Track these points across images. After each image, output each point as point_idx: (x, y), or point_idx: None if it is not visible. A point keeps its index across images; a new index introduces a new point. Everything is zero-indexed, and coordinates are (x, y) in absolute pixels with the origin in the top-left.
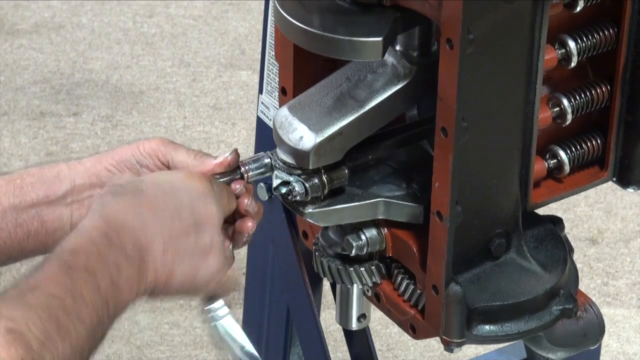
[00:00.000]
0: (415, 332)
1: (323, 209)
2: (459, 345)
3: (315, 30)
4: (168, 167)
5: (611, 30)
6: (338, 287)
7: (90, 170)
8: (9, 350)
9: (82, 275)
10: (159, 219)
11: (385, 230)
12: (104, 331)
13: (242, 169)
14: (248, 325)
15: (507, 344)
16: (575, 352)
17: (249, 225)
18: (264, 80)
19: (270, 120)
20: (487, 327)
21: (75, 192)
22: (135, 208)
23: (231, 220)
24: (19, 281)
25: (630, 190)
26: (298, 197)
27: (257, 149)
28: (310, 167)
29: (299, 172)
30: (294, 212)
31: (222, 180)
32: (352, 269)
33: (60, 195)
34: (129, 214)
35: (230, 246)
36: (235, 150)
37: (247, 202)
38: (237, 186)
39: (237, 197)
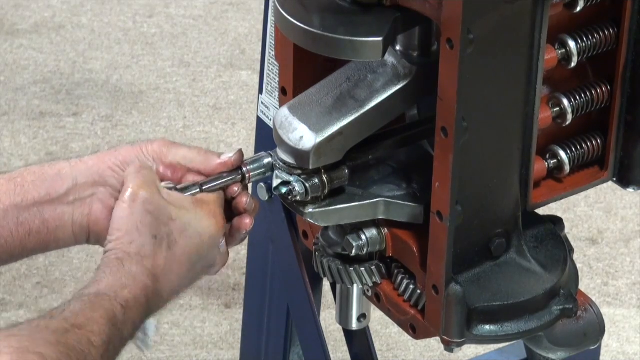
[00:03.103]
0: (415, 332)
1: (323, 209)
2: (459, 345)
3: (315, 30)
4: (174, 168)
5: (611, 30)
6: (338, 287)
7: (93, 169)
8: None
9: (118, 334)
10: (180, 281)
11: (385, 230)
12: None
13: (244, 169)
14: (248, 325)
15: (507, 344)
16: (575, 352)
17: (247, 222)
18: (264, 80)
19: (270, 120)
20: (487, 327)
21: (77, 191)
22: (170, 270)
23: (228, 218)
24: (66, 308)
25: (630, 190)
26: (298, 197)
27: (257, 149)
28: (311, 167)
29: (299, 172)
30: (294, 212)
31: (223, 180)
32: (352, 269)
33: (62, 194)
34: (165, 278)
35: (224, 241)
36: (240, 150)
37: (245, 200)
38: (235, 189)
39: (235, 197)
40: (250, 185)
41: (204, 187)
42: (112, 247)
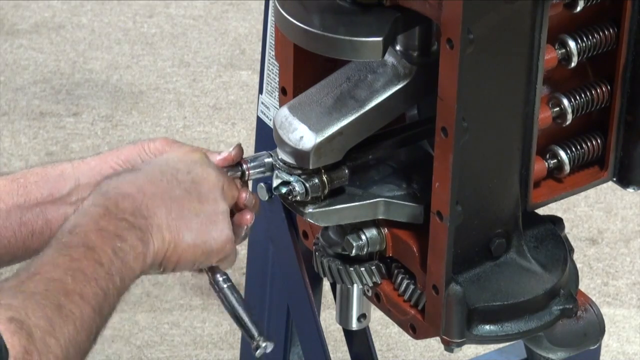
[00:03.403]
0: (415, 332)
1: (323, 209)
2: (459, 345)
3: (315, 30)
4: None
5: (611, 30)
6: (338, 287)
7: (95, 169)
8: (12, 340)
9: (81, 252)
10: (157, 185)
11: (385, 230)
12: (112, 305)
13: (244, 166)
14: None
15: (507, 344)
16: (575, 352)
17: (248, 217)
18: (264, 80)
19: (270, 120)
20: (487, 327)
21: (80, 191)
22: (132, 181)
23: (230, 214)
24: (19, 271)
25: (630, 190)
26: (298, 197)
27: (257, 149)
28: (311, 167)
29: (299, 172)
30: (294, 212)
31: None
32: (352, 269)
33: (65, 194)
34: (126, 186)
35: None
36: (239, 145)
37: (245, 196)
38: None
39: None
40: (250, 185)
41: None
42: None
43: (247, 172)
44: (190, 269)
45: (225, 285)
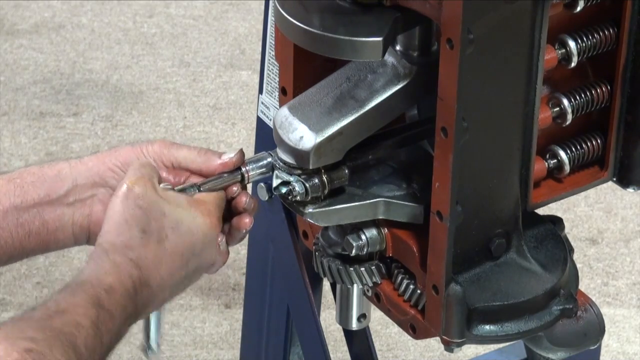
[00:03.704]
0: (415, 332)
1: (323, 209)
2: (459, 345)
3: (315, 30)
4: (173, 167)
5: (611, 30)
6: (338, 287)
7: (93, 170)
8: None
9: (107, 316)
10: (171, 276)
11: (385, 230)
12: None
13: (243, 169)
14: (248, 325)
15: (507, 344)
16: (575, 352)
17: (246, 221)
18: (264, 80)
19: (270, 120)
20: (487, 327)
21: (77, 192)
22: (159, 263)
23: (227, 217)
24: (49, 301)
25: (630, 190)
26: (298, 197)
27: (257, 149)
28: (311, 167)
29: (299, 172)
30: (294, 212)
31: (222, 180)
32: (352, 269)
33: (62, 195)
34: (154, 270)
35: (224, 239)
36: (240, 151)
37: (244, 200)
38: (234, 189)
39: (234, 197)
40: (250, 185)
41: (202, 188)
42: (100, 240)
43: (246, 175)
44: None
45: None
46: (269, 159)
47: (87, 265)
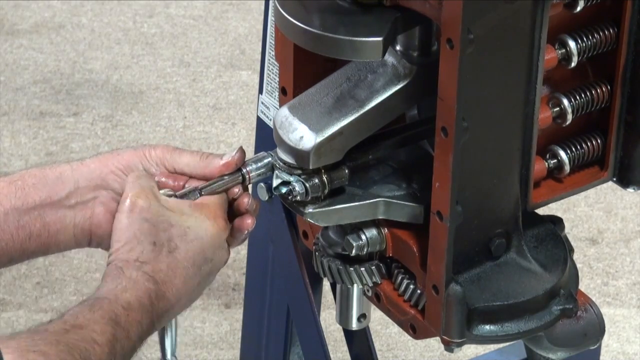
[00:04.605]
0: (415, 332)
1: (323, 209)
2: (459, 345)
3: (315, 30)
4: (175, 177)
5: (611, 30)
6: (338, 287)
7: (95, 173)
8: None
9: (123, 334)
10: (186, 285)
11: (385, 230)
12: None
13: (243, 170)
14: (248, 325)
15: (507, 344)
16: (575, 352)
17: (249, 222)
18: (264, 80)
19: (270, 120)
20: (487, 327)
21: (79, 194)
22: (173, 274)
23: (229, 219)
24: (66, 314)
25: (630, 190)
26: (298, 197)
27: (257, 149)
28: (311, 167)
29: (299, 172)
30: (294, 212)
31: (223, 183)
32: (352, 269)
33: (63, 197)
34: (168, 282)
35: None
36: (241, 149)
37: (246, 201)
38: (236, 190)
39: (236, 198)
40: (250, 186)
41: (203, 192)
42: (112, 258)
43: (247, 176)
44: None
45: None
46: (269, 159)
47: (104, 283)
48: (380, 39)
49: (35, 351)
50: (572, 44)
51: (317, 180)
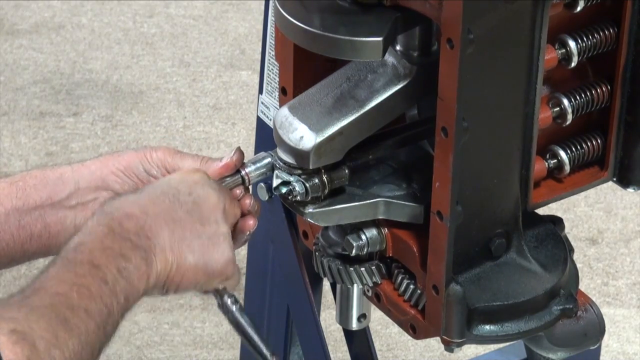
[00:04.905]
0: (415, 332)
1: (323, 209)
2: (459, 345)
3: (315, 30)
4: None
5: (611, 30)
6: (338, 287)
7: (96, 174)
8: (14, 349)
9: (86, 269)
10: (159, 206)
11: (385, 230)
12: (115, 323)
13: (243, 171)
14: None
15: (507, 344)
16: (576, 352)
17: (251, 223)
18: (264, 80)
19: (270, 120)
20: (487, 327)
21: (80, 195)
22: (135, 201)
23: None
24: (24, 287)
25: (630, 190)
26: (298, 197)
27: (257, 149)
28: (311, 167)
29: (299, 172)
30: (294, 212)
31: (224, 184)
32: (352, 269)
33: (64, 198)
34: (129, 206)
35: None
36: (238, 149)
37: (248, 202)
38: (238, 191)
39: (238, 200)
40: (250, 186)
41: None
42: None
43: (247, 178)
44: (193, 290)
45: (233, 308)
46: (269, 159)
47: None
48: (380, 39)
49: (6, 318)
50: (572, 44)
51: (317, 180)
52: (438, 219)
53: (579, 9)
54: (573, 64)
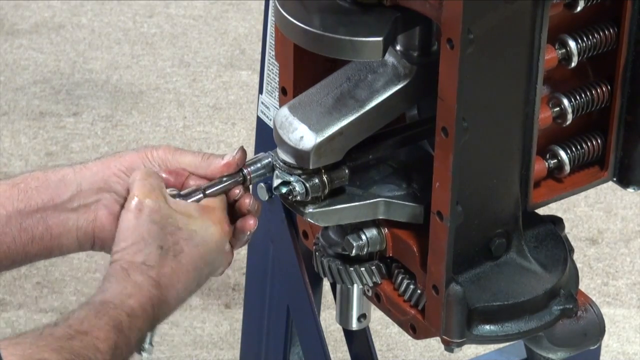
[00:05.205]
0: (415, 332)
1: (323, 209)
2: (459, 345)
3: (315, 30)
4: (177, 173)
5: (611, 30)
6: (338, 287)
7: (98, 175)
8: None
9: (125, 341)
10: (186, 288)
11: (385, 230)
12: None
13: (244, 170)
14: (248, 325)
15: (507, 344)
16: (576, 352)
17: (251, 223)
18: (264, 80)
19: (270, 120)
20: (487, 327)
21: (82, 197)
22: (176, 279)
23: (231, 220)
24: (71, 317)
25: (630, 190)
26: (298, 197)
27: (257, 149)
28: (311, 167)
29: (300, 172)
30: (294, 212)
31: (225, 184)
32: (352, 269)
33: (66, 199)
34: (171, 287)
35: (228, 244)
36: (241, 148)
37: (248, 202)
38: (237, 191)
39: (237, 199)
40: (250, 186)
41: (207, 192)
42: (118, 257)
43: (248, 177)
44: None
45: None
46: (269, 159)
47: (109, 284)
48: (380, 39)
49: (39, 359)
50: (572, 44)
51: (317, 180)
52: (438, 219)
53: (579, 9)
54: (573, 64)
